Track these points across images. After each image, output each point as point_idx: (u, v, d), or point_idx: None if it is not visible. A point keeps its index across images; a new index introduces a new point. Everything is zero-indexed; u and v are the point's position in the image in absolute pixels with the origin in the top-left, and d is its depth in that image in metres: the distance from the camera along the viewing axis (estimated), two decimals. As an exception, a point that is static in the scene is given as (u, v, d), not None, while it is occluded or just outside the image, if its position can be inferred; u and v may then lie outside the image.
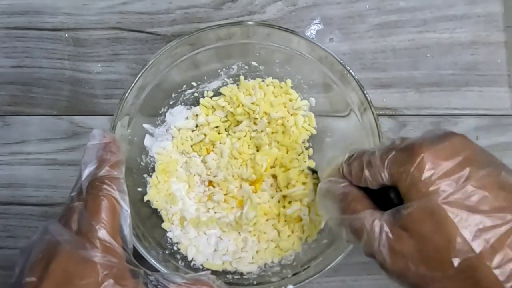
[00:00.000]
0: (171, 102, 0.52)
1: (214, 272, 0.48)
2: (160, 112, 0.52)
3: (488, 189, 0.28)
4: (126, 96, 0.46)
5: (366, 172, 0.32)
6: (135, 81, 0.46)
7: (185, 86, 0.52)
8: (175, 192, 0.50)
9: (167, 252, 0.48)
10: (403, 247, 0.29)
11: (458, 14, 0.56)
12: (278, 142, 0.52)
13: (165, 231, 0.50)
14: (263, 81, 0.52)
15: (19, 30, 0.56)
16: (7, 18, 0.57)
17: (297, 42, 0.48)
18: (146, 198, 0.49)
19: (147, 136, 0.51)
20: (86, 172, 0.34)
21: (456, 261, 0.27)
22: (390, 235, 0.30)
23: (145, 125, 0.51)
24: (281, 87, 0.52)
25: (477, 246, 0.27)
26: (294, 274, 0.46)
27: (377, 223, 0.30)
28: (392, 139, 0.33)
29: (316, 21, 0.57)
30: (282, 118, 0.51)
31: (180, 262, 0.48)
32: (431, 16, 0.56)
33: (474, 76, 0.56)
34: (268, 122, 0.51)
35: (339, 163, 0.36)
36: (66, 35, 0.56)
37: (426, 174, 0.28)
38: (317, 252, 0.47)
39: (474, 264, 0.27)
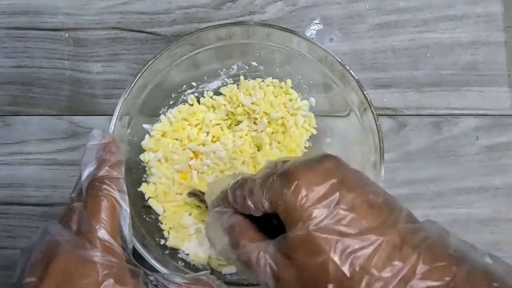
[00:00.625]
0: (171, 102, 0.52)
1: (213, 272, 0.48)
2: (160, 112, 0.52)
3: (357, 211, 0.28)
4: (126, 96, 0.46)
5: (249, 201, 0.32)
6: (135, 81, 0.46)
7: (185, 86, 0.52)
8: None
9: (167, 252, 0.48)
10: (286, 277, 0.29)
11: (458, 14, 0.56)
12: (278, 143, 0.52)
13: (165, 230, 0.50)
14: (263, 81, 0.52)
15: (19, 30, 0.56)
16: (7, 18, 0.57)
17: (297, 42, 0.48)
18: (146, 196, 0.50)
19: (147, 136, 0.51)
20: (85, 173, 0.34)
21: (331, 287, 0.27)
22: (274, 266, 0.29)
23: (145, 125, 0.51)
24: (281, 87, 0.52)
25: (347, 269, 0.27)
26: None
27: (261, 256, 0.30)
28: (274, 162, 0.33)
29: (316, 21, 0.57)
30: (282, 118, 0.51)
31: (180, 262, 0.48)
32: (431, 16, 0.56)
33: (474, 76, 0.56)
34: (268, 122, 0.51)
35: (225, 188, 0.35)
36: (66, 35, 0.56)
37: (300, 201, 0.28)
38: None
39: (348, 287, 0.27)
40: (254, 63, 0.52)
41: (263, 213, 0.32)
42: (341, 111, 0.50)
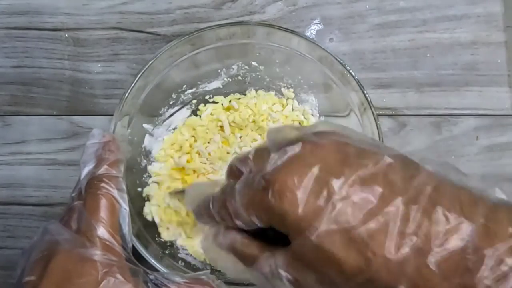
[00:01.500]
0: (171, 102, 0.52)
1: (212, 272, 0.48)
2: (160, 112, 0.52)
3: (352, 196, 0.25)
4: (126, 96, 0.46)
5: (238, 222, 0.30)
6: (135, 81, 0.46)
7: (185, 86, 0.52)
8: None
9: (167, 252, 0.48)
10: (305, 282, 0.27)
11: (458, 14, 0.56)
12: None
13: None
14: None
15: (19, 30, 0.56)
16: (7, 18, 0.57)
17: (297, 42, 0.48)
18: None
19: (147, 136, 0.51)
20: (84, 171, 0.34)
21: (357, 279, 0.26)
22: (290, 276, 0.28)
23: (145, 125, 0.51)
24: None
25: (363, 262, 0.25)
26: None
27: (273, 270, 0.28)
28: (245, 164, 0.30)
29: (316, 21, 0.57)
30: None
31: (180, 262, 0.48)
32: (431, 16, 0.56)
33: (474, 76, 0.56)
34: None
35: (205, 196, 0.33)
36: (66, 35, 0.56)
37: (291, 210, 0.26)
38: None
39: (371, 277, 0.25)
40: (254, 63, 0.52)
41: (258, 228, 0.29)
42: (341, 111, 0.50)
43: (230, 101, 0.53)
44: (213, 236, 0.33)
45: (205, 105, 0.53)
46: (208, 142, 0.52)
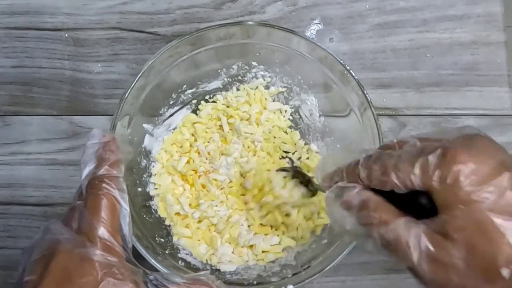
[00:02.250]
0: (171, 102, 0.52)
1: (212, 272, 0.48)
2: (160, 112, 0.52)
3: None
4: (126, 96, 0.46)
5: (393, 177, 0.30)
6: (135, 81, 0.46)
7: (185, 86, 0.52)
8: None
9: (167, 252, 0.48)
10: (447, 258, 0.27)
11: (458, 14, 0.56)
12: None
13: (165, 230, 0.50)
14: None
15: (19, 30, 0.56)
16: (7, 18, 0.57)
17: (297, 42, 0.48)
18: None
19: (147, 136, 0.51)
20: (85, 171, 0.34)
21: (505, 272, 0.26)
22: (431, 247, 0.28)
23: (145, 125, 0.51)
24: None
25: None
26: (294, 274, 0.46)
27: (414, 234, 0.28)
28: (412, 139, 0.31)
29: (316, 21, 0.57)
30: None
31: (180, 262, 0.48)
32: (431, 16, 0.56)
33: (474, 76, 0.56)
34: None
35: (341, 165, 0.34)
36: (66, 35, 0.56)
37: (465, 181, 0.27)
38: (317, 252, 0.47)
39: None
40: (254, 63, 0.52)
41: (408, 190, 0.30)
42: (341, 111, 0.50)
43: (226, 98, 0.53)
44: (345, 190, 0.33)
45: (206, 103, 0.53)
46: (208, 142, 0.52)
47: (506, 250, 0.26)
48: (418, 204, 0.30)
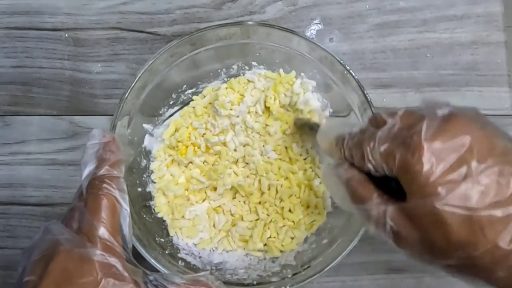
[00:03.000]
0: (171, 102, 0.52)
1: (212, 272, 0.48)
2: (160, 112, 0.52)
3: (486, 184, 0.28)
4: (126, 96, 0.46)
5: (368, 163, 0.32)
6: (135, 81, 0.46)
7: (185, 86, 0.52)
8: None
9: (167, 252, 0.48)
10: (407, 236, 0.30)
11: (458, 14, 0.56)
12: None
13: (165, 231, 0.50)
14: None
15: (19, 30, 0.56)
16: (7, 18, 0.57)
17: (297, 42, 0.48)
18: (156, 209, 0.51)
19: (147, 136, 0.51)
20: (85, 172, 0.34)
21: (451, 262, 0.29)
22: (394, 226, 0.31)
23: (145, 125, 0.51)
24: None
25: (473, 242, 0.28)
26: (294, 274, 0.46)
27: (381, 214, 0.31)
28: (393, 118, 0.32)
29: (316, 21, 0.57)
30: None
31: (179, 262, 0.48)
32: (431, 16, 0.56)
33: (474, 76, 0.56)
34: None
35: (337, 135, 0.36)
36: (66, 35, 0.56)
37: (426, 172, 0.28)
38: (317, 252, 0.47)
39: (473, 256, 0.28)
40: (254, 63, 0.52)
41: (382, 175, 0.32)
42: (341, 111, 0.50)
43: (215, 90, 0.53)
44: (335, 166, 0.36)
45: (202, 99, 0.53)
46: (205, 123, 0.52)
47: (455, 238, 0.28)
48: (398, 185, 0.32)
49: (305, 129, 0.51)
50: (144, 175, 0.51)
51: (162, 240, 0.49)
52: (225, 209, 0.51)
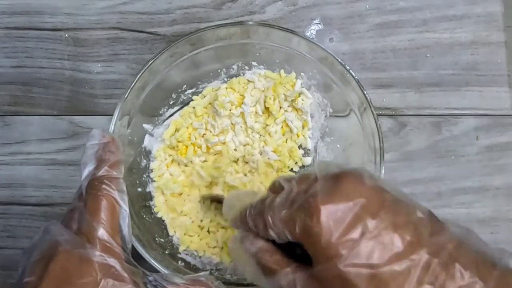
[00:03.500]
0: (171, 102, 0.52)
1: (212, 272, 0.48)
2: (160, 112, 0.52)
3: (384, 238, 0.28)
4: (126, 96, 0.46)
5: (271, 232, 0.32)
6: (135, 81, 0.46)
7: (185, 86, 0.52)
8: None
9: (166, 252, 0.48)
10: None
11: (458, 14, 0.56)
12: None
13: (165, 231, 0.50)
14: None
15: (19, 30, 0.56)
16: (7, 18, 0.57)
17: (297, 42, 0.48)
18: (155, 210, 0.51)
19: (147, 136, 0.51)
20: (85, 172, 0.34)
21: None
22: None
23: (145, 125, 0.51)
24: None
25: None
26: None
27: (291, 283, 0.30)
28: (288, 183, 0.32)
29: (316, 21, 0.57)
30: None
31: (179, 262, 0.48)
32: (431, 16, 0.56)
33: (474, 76, 0.56)
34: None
35: (243, 206, 0.35)
36: (66, 35, 0.56)
37: (325, 236, 0.28)
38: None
39: None
40: (254, 63, 0.52)
41: (287, 241, 0.31)
42: (341, 111, 0.50)
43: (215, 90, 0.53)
44: (241, 239, 0.35)
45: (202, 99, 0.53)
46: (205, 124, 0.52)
47: None
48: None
49: (213, 203, 0.51)
50: (144, 175, 0.51)
51: (162, 240, 0.49)
52: None
